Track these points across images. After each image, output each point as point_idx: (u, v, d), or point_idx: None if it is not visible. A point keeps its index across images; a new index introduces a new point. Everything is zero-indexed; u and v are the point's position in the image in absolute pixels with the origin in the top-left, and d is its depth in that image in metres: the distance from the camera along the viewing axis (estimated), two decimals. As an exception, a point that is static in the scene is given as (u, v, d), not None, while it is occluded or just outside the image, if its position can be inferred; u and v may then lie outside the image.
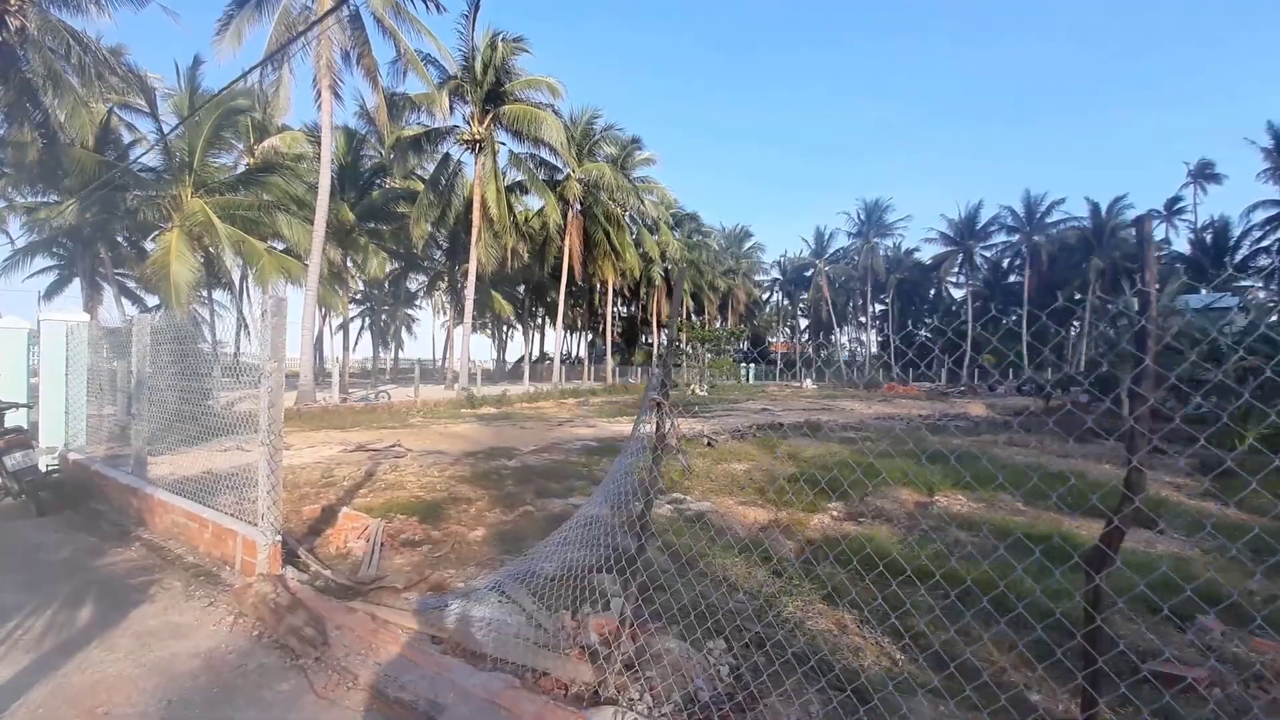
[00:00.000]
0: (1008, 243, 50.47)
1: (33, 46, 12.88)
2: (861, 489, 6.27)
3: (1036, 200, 47.74)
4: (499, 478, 6.90)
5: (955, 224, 50.02)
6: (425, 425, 12.84)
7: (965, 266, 51.39)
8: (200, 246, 19.31)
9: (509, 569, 3.68)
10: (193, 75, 18.96)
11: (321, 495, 5.89)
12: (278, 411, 3.45)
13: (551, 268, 31.28)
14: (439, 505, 5.44)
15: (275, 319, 3.43)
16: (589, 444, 10.11)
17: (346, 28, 16.50)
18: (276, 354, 3.43)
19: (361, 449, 9.07)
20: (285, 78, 18.05)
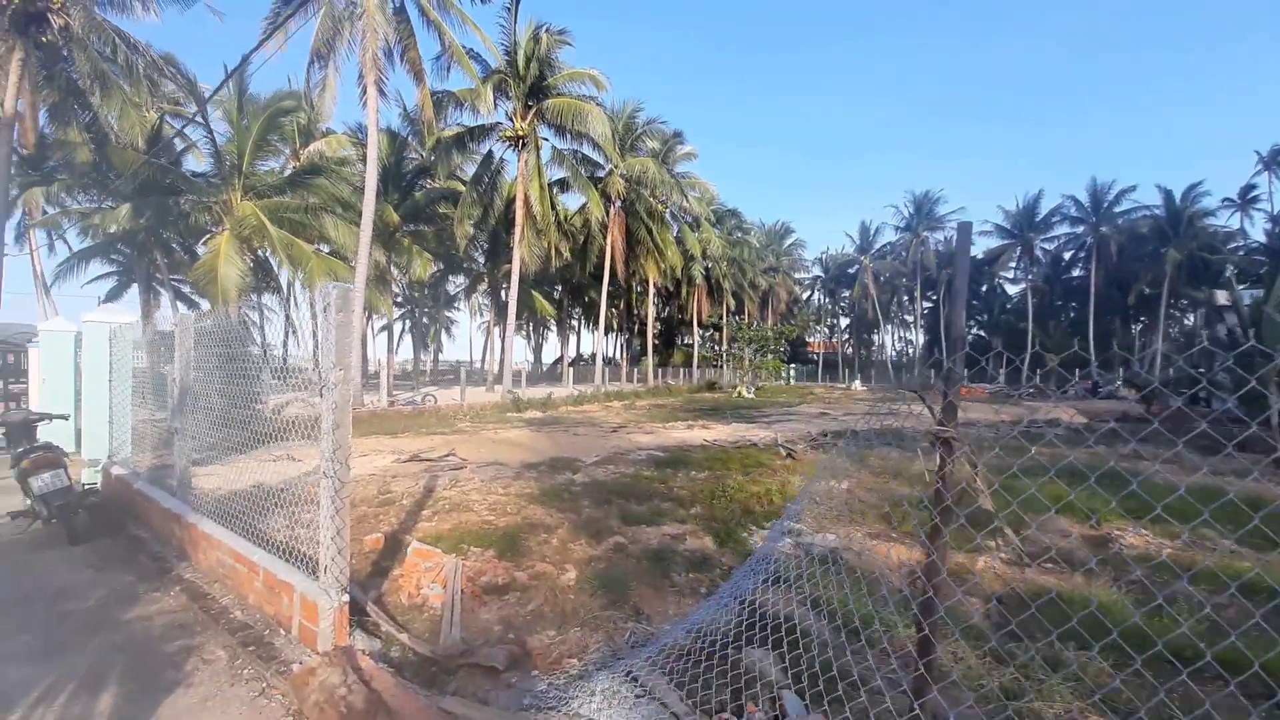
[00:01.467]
0: (1071, 234, 47.37)
1: (78, 46, 12.83)
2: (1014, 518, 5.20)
3: (1103, 188, 44.61)
4: (571, 497, 6.08)
5: (1013, 215, 47.23)
6: (475, 431, 12.22)
7: (1023, 260, 48.47)
8: (249, 250, 19.34)
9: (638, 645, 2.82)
10: (241, 76, 18.95)
11: (381, 518, 5.19)
12: (344, 434, 2.67)
13: (593, 267, 30.63)
14: (515, 534, 4.65)
15: (340, 315, 2.66)
16: (655, 454, 9.24)
17: (391, 21, 16.13)
18: (342, 358, 2.66)
19: (416, 459, 8.44)
20: (331, 78, 17.84)
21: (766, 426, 14.24)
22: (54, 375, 7.56)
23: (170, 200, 19.26)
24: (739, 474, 7.42)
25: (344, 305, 2.68)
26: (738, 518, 5.23)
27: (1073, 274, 51.85)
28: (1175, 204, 42.84)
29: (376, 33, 15.46)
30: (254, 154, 19.65)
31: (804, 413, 18.84)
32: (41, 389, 7.89)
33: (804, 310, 62.90)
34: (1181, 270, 41.27)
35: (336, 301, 2.66)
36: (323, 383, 2.70)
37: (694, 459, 8.52)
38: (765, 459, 8.47)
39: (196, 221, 20.33)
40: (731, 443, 10.64)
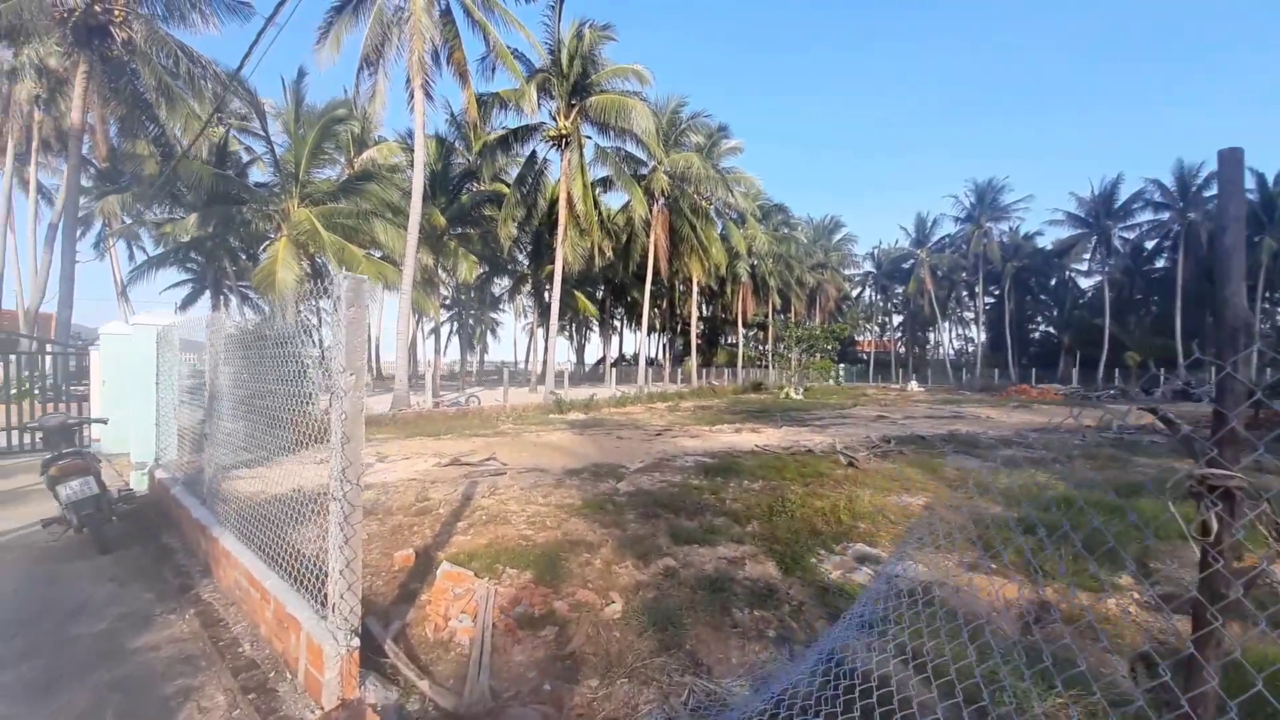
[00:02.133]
0: (1155, 222, 43.40)
1: (141, 59, 13.36)
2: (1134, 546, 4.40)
3: (1191, 171, 40.61)
4: (615, 508, 5.62)
5: (1087, 203, 43.72)
6: (517, 434, 11.99)
7: (1100, 251, 44.80)
8: (306, 254, 19.98)
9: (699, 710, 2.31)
10: (298, 87, 19.63)
11: (415, 529, 4.88)
12: (356, 449, 2.29)
13: (636, 265, 30.26)
14: (555, 553, 4.22)
15: (351, 311, 2.27)
16: (702, 460, 8.68)
17: (438, 23, 16.21)
18: (353, 360, 2.27)
19: (457, 463, 8.21)
20: (380, 83, 18.13)
21: (820, 430, 13.41)
22: (114, 377, 7.68)
23: (234, 209, 20.14)
24: (797, 485, 6.77)
25: (355, 299, 2.29)
26: (803, 538, 4.62)
27: (1155, 265, 47.62)
28: (1269, 188, 38.59)
29: (423, 35, 15.56)
30: (310, 162, 20.28)
31: (859, 415, 17.78)
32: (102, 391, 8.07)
33: (853, 307, 60.56)
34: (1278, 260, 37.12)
35: (347, 295, 2.27)
36: (331, 389, 2.32)
37: (745, 466, 7.91)
38: (824, 468, 7.77)
39: (258, 229, 21.19)
40: (784, 448, 9.94)
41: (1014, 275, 48.22)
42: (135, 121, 15.74)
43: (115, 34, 14.40)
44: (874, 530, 4.91)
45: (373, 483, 6.79)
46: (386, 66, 16.92)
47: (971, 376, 48.60)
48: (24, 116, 16.20)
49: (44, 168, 21.91)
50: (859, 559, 4.13)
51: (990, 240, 46.93)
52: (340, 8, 16.58)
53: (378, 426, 12.49)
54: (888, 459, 8.79)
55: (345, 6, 16.56)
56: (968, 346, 59.67)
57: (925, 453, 9.45)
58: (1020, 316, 51.53)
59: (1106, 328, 43.17)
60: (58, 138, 17.75)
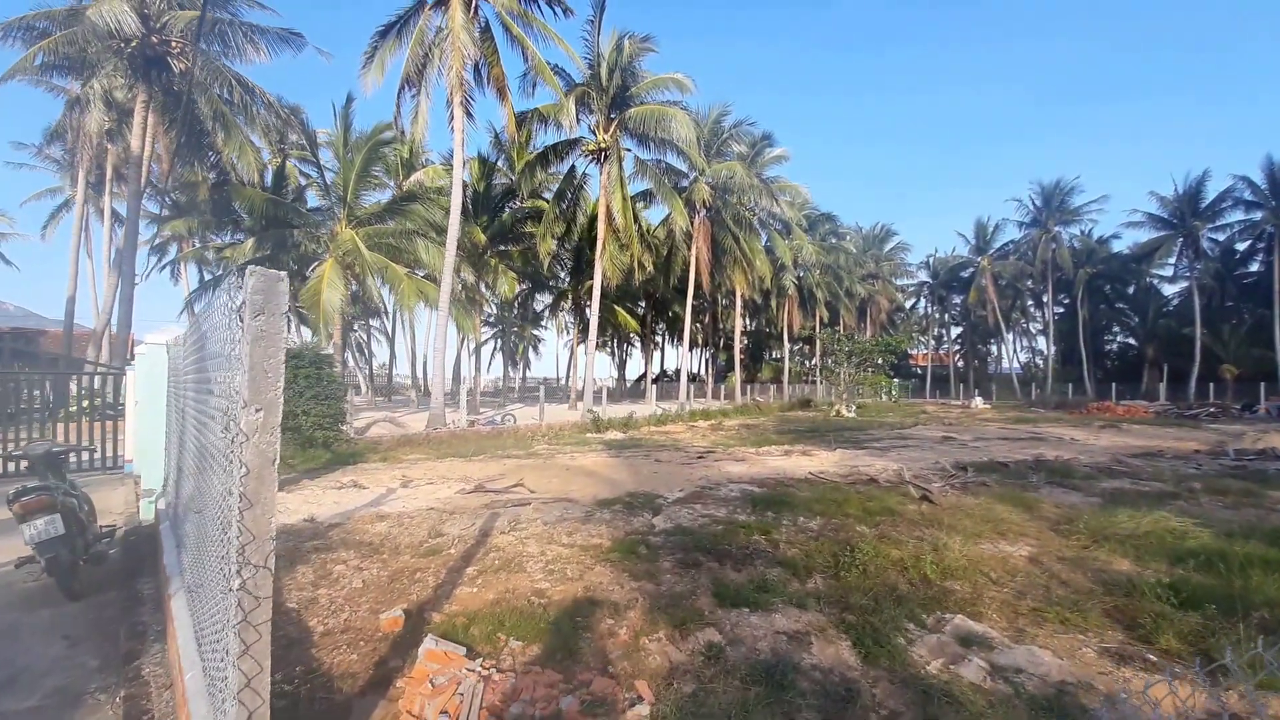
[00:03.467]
0: (1247, 222, 39.26)
1: (198, 89, 13.79)
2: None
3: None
4: (649, 552, 4.83)
5: (1170, 202, 40.07)
6: (550, 455, 11.38)
7: (1186, 254, 40.86)
8: (352, 275, 20.34)
9: None
10: (346, 112, 20.15)
11: (419, 576, 4.24)
12: (263, 516, 1.62)
13: (677, 280, 29.60)
14: (571, 616, 3.47)
15: (260, 320, 1.62)
16: (750, 489, 7.76)
17: (477, 41, 16.23)
18: (261, 389, 1.62)
19: (481, 489, 7.63)
20: (423, 104, 18.34)
21: (880, 454, 12.18)
22: (148, 398, 7.48)
23: (287, 233, 20.78)
24: (864, 524, 5.78)
25: (267, 305, 1.64)
26: (882, 604, 3.69)
27: (1249, 269, 43.06)
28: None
29: (462, 53, 15.58)
30: (358, 184, 20.71)
31: (921, 436, 16.29)
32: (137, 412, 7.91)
33: (907, 319, 57.72)
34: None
35: (253, 299, 1.63)
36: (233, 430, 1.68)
37: (799, 498, 6.96)
38: (893, 502, 6.71)
39: (308, 250, 21.80)
40: (842, 476, 8.88)
41: (1087, 282, 44.64)
42: (193, 149, 16.42)
43: (173, 65, 15.07)
44: (973, 594, 3.90)
45: (388, 513, 6.27)
46: (428, 87, 17.08)
47: (1042, 392, 45.04)
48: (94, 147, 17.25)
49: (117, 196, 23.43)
50: (961, 639, 3.17)
51: (1059, 245, 43.72)
52: (384, 32, 16.89)
53: (411, 446, 12.18)
54: (968, 492, 7.61)
55: (389, 31, 16.87)
56: (1035, 359, 55.61)
57: (1012, 484, 8.18)
58: (1095, 327, 47.57)
59: (1197, 338, 39.15)
60: (127, 166, 18.90)
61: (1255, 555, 4.40)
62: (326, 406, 10.75)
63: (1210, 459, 11.60)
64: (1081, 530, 5.41)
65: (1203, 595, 3.68)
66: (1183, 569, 4.31)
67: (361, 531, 5.47)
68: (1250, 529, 5.52)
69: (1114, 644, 3.22)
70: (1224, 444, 13.88)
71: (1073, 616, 3.52)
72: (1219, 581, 3.98)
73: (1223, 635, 3.20)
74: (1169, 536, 5.09)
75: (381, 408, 25.74)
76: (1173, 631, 3.27)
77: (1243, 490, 7.81)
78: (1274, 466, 10.51)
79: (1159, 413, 26.24)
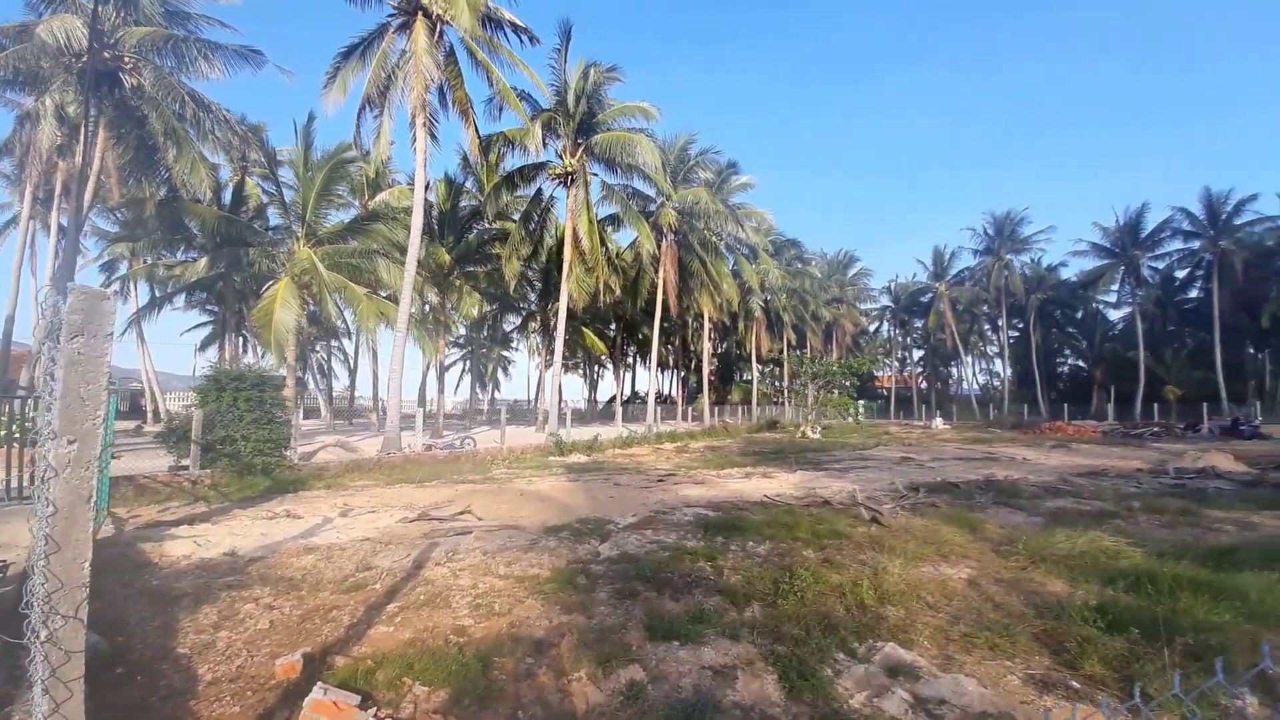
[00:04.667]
0: (1185, 251, 41.88)
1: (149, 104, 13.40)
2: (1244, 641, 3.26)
3: (1219, 199, 39.35)
4: (587, 583, 4.65)
5: (1112, 232, 42.49)
6: (507, 480, 11.08)
7: (1128, 282, 43.20)
8: (309, 295, 19.79)
9: None
10: (307, 130, 19.85)
11: (334, 614, 3.96)
12: (73, 562, 1.44)
13: (645, 302, 29.75)
14: (491, 656, 3.27)
15: (77, 342, 1.46)
16: (704, 514, 7.66)
17: (441, 65, 16.25)
18: (74, 419, 1.46)
19: (425, 517, 7.31)
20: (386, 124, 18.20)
21: (839, 475, 12.25)
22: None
23: (241, 251, 20.15)
24: (811, 548, 5.72)
25: (87, 326, 1.49)
26: (815, 633, 3.59)
27: (1189, 295, 45.80)
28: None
29: (425, 76, 15.55)
30: (318, 203, 20.29)
31: (881, 457, 16.50)
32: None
33: (871, 342, 59.17)
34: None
35: (70, 320, 1.47)
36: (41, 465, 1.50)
37: (751, 522, 6.87)
38: (844, 525, 6.69)
39: (263, 269, 21.17)
40: (798, 499, 8.86)
41: (1038, 308, 46.70)
42: (143, 164, 15.85)
43: (125, 80, 14.62)
44: (908, 620, 3.85)
45: (319, 544, 5.93)
46: (391, 108, 16.96)
47: (1000, 413, 46.47)
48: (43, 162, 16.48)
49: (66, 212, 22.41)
50: (890, 669, 3.10)
51: (1012, 273, 45.73)
52: (347, 53, 16.78)
53: (360, 472, 11.69)
54: (918, 513, 7.66)
55: (352, 52, 16.76)
56: (993, 381, 57.55)
57: (961, 504, 8.28)
58: (1047, 350, 49.58)
59: (1141, 361, 41.19)
60: (75, 182, 18.14)
61: (1185, 576, 4.46)
62: (269, 431, 10.27)
63: (1151, 477, 12.02)
64: (1021, 551, 5.46)
65: (1129, 618, 3.69)
66: (1113, 590, 4.35)
67: (284, 566, 5.14)
68: (1183, 548, 5.64)
69: (1039, 670, 3.19)
70: (1165, 463, 14.43)
71: (1002, 642, 3.49)
72: (1146, 603, 4.02)
73: (1146, 661, 3.20)
74: (1103, 556, 5.16)
75: (339, 431, 24.84)
76: (1097, 656, 3.26)
77: (1180, 509, 8.05)
78: (1213, 485, 10.93)
79: (1106, 432, 27.29)
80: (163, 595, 4.24)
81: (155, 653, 3.29)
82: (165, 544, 5.80)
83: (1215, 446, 18.02)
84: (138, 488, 8.65)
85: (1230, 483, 11.10)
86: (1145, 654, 3.25)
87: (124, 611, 3.89)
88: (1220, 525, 7.11)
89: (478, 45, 17.03)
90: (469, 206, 27.15)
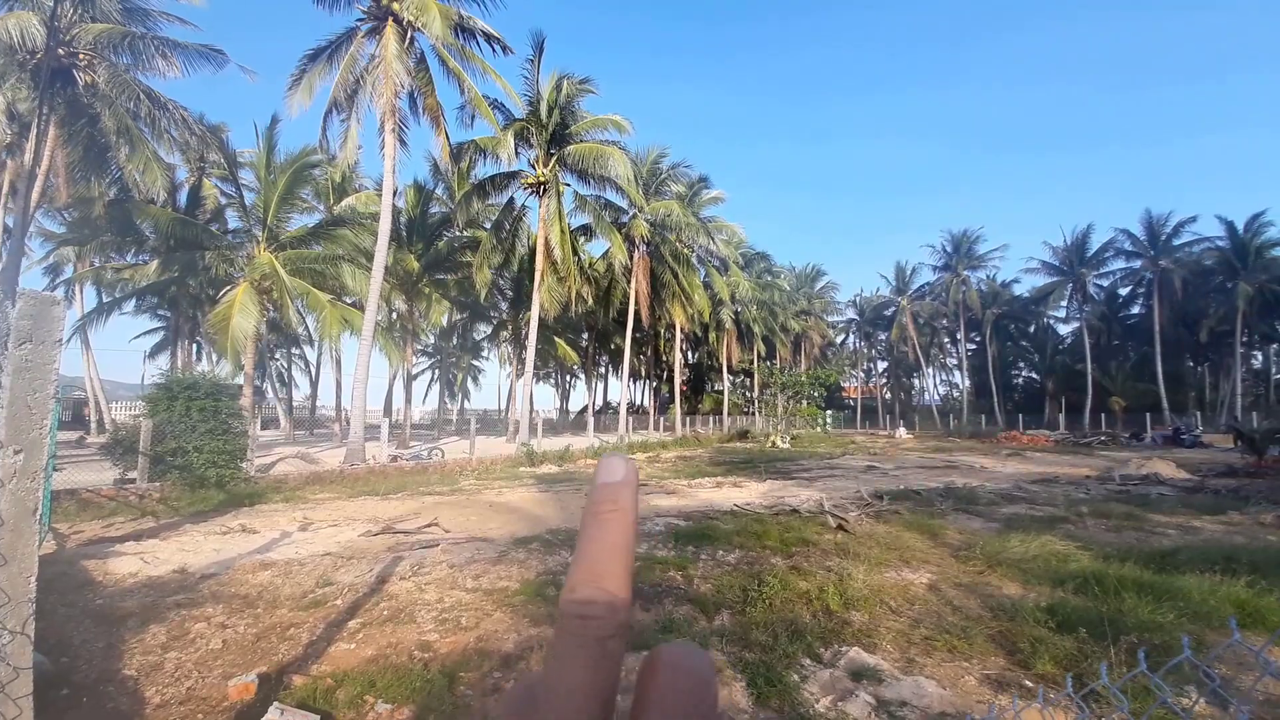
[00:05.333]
0: (1128, 269, 44.39)
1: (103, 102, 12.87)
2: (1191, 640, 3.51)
3: (1159, 220, 41.91)
4: (557, 594, 4.60)
5: (1061, 251, 44.74)
6: (476, 491, 10.89)
7: (1076, 298, 45.49)
8: (269, 301, 19.15)
9: None
10: (270, 132, 19.29)
11: (292, 632, 3.83)
12: (21, 577, 1.37)
13: (617, 312, 29.84)
14: (454, 673, 3.21)
15: (26, 349, 1.41)
16: (675, 523, 7.69)
17: (412, 71, 16.09)
18: (22, 428, 1.40)
19: (389, 530, 7.13)
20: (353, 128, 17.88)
21: (807, 484, 12.47)
22: None
23: (196, 255, 19.40)
24: (779, 555, 5.81)
25: (36, 331, 1.44)
26: (782, 640, 3.65)
27: (1132, 311, 48.48)
28: (1239, 235, 39.81)
29: (394, 81, 15.38)
30: (280, 206, 19.71)
31: (848, 466, 16.86)
32: None
33: (838, 354, 60.58)
34: (1254, 305, 37.88)
35: (19, 325, 1.42)
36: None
37: (722, 531, 6.94)
38: (811, 533, 6.81)
39: (220, 273, 20.41)
40: (767, 507, 8.98)
41: (994, 322, 48.67)
42: (93, 164, 15.16)
43: (79, 77, 14.01)
44: (871, 625, 3.94)
45: (276, 560, 5.71)
46: (359, 112, 16.68)
47: (959, 422, 48.09)
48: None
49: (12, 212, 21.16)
50: (854, 673, 3.17)
51: (969, 288, 47.59)
52: (314, 56, 16.47)
53: (321, 484, 11.32)
54: (881, 519, 7.86)
55: (319, 55, 16.46)
56: (953, 392, 59.49)
57: (922, 511, 8.53)
58: (1003, 362, 51.64)
59: (1089, 373, 43.30)
60: (26, 182, 17.16)
61: (1129, 578, 4.70)
62: (224, 442, 9.85)
63: (1099, 484, 12.61)
64: (978, 555, 5.66)
65: (1078, 619, 3.87)
66: (1063, 591, 4.55)
67: (239, 583, 4.93)
68: (1128, 551, 5.93)
69: (995, 670, 3.32)
70: (1112, 470, 15.17)
71: (960, 644, 3.62)
72: (1094, 604, 4.22)
73: (1094, 659, 3.36)
74: (1054, 559, 5.40)
75: (299, 442, 24.00)
76: (1049, 655, 3.41)
77: (1125, 514, 8.48)
78: (1156, 491, 11.54)
79: (1058, 441, 28.54)
80: (108, 615, 4.02)
81: (101, 674, 3.12)
82: (110, 561, 5.50)
83: (1158, 454, 19.06)
84: (80, 502, 8.18)
85: (1172, 489, 11.74)
86: (1093, 652, 3.41)
87: (67, 632, 3.68)
88: (1163, 529, 7.52)
89: (449, 53, 16.94)
90: (439, 213, 26.82)
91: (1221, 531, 7.29)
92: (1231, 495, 10.45)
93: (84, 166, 14.53)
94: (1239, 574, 4.60)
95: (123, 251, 23.09)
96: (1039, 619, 3.89)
